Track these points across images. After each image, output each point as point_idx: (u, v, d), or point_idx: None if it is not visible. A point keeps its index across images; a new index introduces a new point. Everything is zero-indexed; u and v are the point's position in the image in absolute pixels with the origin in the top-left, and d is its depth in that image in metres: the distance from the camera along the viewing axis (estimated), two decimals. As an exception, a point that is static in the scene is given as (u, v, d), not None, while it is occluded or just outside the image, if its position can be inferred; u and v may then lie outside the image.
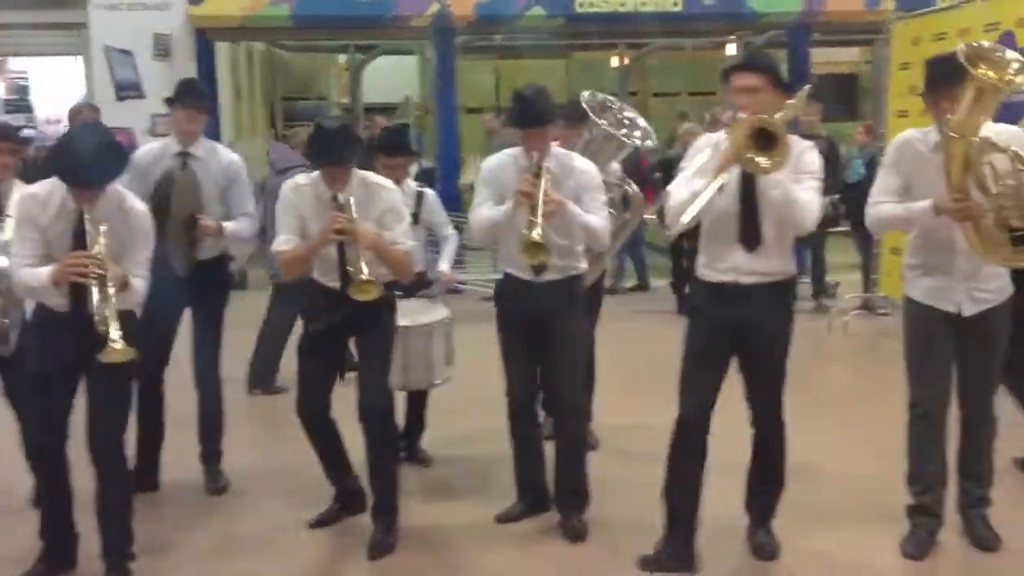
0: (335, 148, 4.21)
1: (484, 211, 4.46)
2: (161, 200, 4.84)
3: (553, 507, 4.67)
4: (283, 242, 4.33)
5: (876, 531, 4.47)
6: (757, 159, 3.60)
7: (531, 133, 4.35)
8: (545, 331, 4.46)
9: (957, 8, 7.99)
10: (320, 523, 4.65)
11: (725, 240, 3.91)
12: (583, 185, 4.40)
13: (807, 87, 3.96)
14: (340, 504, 4.70)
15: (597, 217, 4.38)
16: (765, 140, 3.59)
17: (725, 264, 3.93)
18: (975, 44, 3.80)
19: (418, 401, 5.54)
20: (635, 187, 5.62)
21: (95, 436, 3.99)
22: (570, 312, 4.49)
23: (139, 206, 4.08)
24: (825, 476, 5.27)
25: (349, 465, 4.68)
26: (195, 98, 5.07)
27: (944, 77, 3.93)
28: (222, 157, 5.11)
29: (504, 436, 4.74)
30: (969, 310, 4.07)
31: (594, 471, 4.74)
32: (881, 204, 4.15)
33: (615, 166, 5.43)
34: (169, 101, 5.11)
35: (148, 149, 5.14)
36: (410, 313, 5.03)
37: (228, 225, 4.99)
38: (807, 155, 3.87)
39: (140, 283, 3.97)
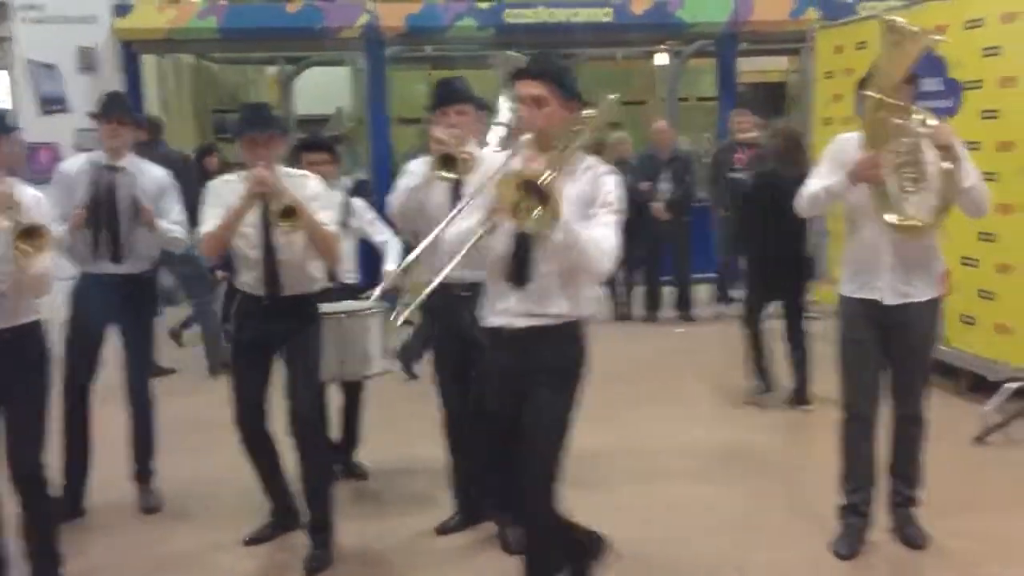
0: (258, 118, 4.35)
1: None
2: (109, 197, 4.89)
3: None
4: (207, 225, 4.30)
5: (806, 532, 4.55)
6: (532, 214, 3.12)
7: (448, 111, 4.33)
8: (468, 342, 4.43)
9: (878, 18, 8.16)
10: (255, 540, 4.60)
11: (497, 279, 3.50)
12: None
13: (611, 97, 3.56)
14: (276, 520, 4.65)
15: None
16: (536, 191, 3.11)
17: (499, 306, 3.50)
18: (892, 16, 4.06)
19: (352, 414, 5.50)
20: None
21: (15, 459, 3.91)
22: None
23: (38, 192, 4.00)
24: (753, 479, 5.37)
25: (286, 480, 4.64)
26: (117, 111, 5.04)
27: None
28: (152, 171, 5.12)
29: (440, 448, 4.72)
30: (891, 300, 4.18)
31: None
32: (808, 187, 4.32)
33: None
34: (95, 116, 5.06)
35: (74, 161, 5.12)
36: (347, 305, 5.00)
37: (162, 222, 4.98)
38: (603, 181, 3.41)
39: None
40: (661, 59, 14.15)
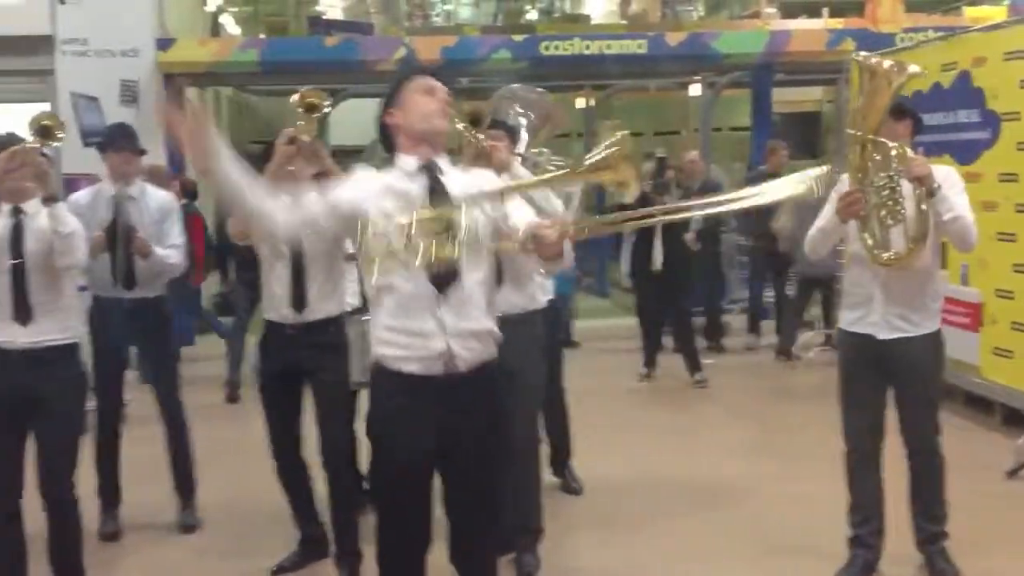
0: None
1: None
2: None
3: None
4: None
5: (816, 564, 4.50)
6: None
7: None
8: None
9: (915, 49, 8.15)
10: (282, 569, 4.61)
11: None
12: None
13: None
14: (304, 549, 4.66)
15: None
16: None
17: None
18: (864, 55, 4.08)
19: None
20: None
21: (47, 483, 4.02)
22: (523, 351, 4.39)
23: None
24: (774, 510, 5.35)
25: (316, 509, 4.66)
26: (127, 141, 5.21)
27: None
28: (156, 195, 5.26)
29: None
30: (885, 335, 4.17)
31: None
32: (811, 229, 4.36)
33: None
34: (100, 146, 5.25)
35: (83, 193, 5.25)
36: None
37: (158, 248, 5.06)
38: None
39: None
40: (695, 90, 14.18)
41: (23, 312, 3.96)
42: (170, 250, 5.15)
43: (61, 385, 4.01)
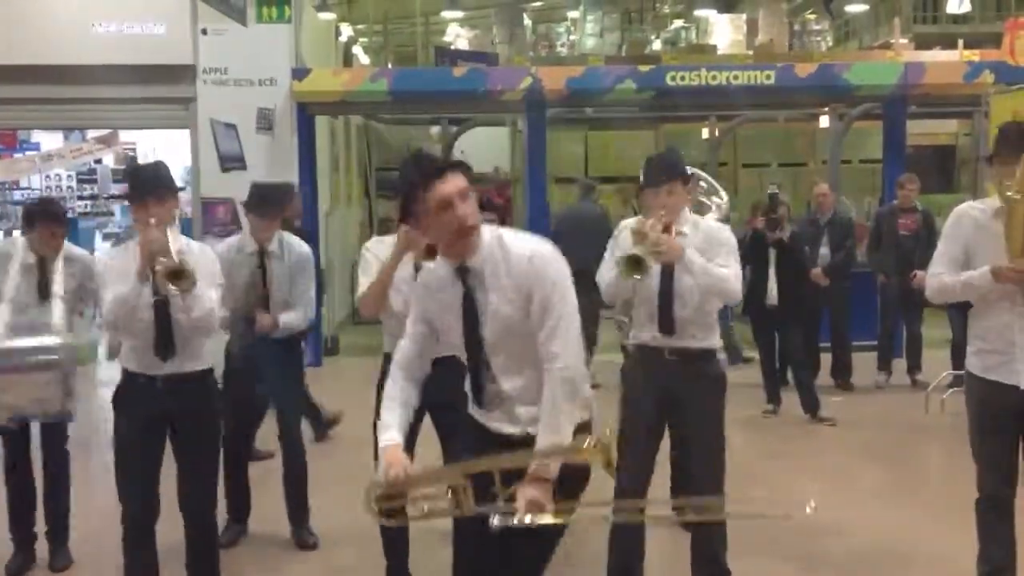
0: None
1: None
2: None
3: None
4: (363, 285, 4.30)
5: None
6: None
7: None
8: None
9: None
10: None
11: None
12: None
13: None
14: None
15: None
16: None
17: None
18: None
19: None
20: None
21: (187, 504, 4.26)
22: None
23: (203, 245, 4.51)
24: (914, 556, 5.21)
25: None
26: (269, 206, 5.30)
27: (1013, 142, 3.97)
28: (294, 249, 5.32)
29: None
30: None
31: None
32: (939, 275, 4.08)
33: None
34: (246, 206, 5.37)
35: (228, 244, 5.35)
36: None
37: (283, 317, 5.19)
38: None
39: None
40: (824, 121, 13.95)
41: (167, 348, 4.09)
42: (297, 311, 5.23)
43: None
